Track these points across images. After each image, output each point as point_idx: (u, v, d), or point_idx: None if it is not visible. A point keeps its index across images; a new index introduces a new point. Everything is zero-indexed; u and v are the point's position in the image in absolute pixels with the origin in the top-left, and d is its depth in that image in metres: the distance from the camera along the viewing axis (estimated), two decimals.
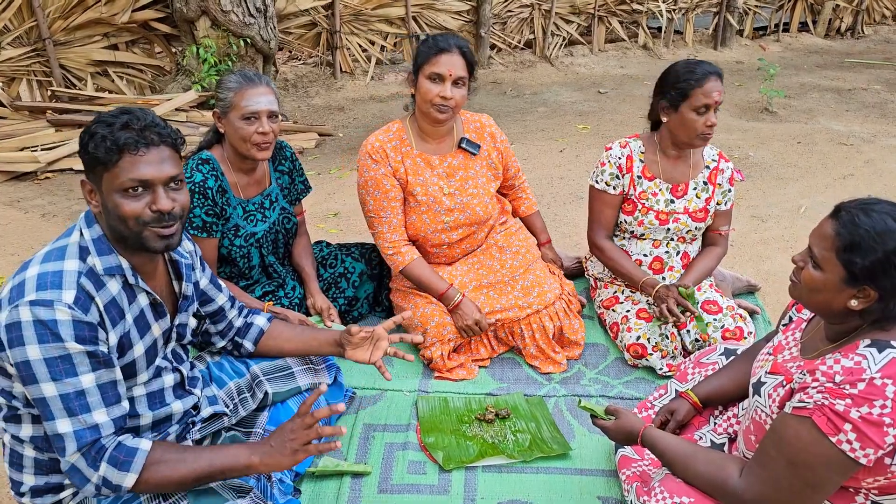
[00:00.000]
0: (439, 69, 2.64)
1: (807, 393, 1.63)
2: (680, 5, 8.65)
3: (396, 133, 2.86)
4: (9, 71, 5.72)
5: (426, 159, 2.86)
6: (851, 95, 7.25)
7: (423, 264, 2.83)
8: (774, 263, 3.80)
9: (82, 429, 1.62)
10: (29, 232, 4.10)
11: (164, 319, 1.88)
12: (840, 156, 5.44)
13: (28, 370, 1.58)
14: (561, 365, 2.88)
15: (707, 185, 2.90)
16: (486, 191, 2.94)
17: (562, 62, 8.14)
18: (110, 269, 1.70)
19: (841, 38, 9.96)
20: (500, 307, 2.85)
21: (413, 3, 7.21)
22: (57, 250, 1.69)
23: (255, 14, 5.92)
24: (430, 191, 2.85)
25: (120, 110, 1.69)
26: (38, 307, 1.57)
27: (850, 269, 1.63)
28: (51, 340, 1.57)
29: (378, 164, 2.80)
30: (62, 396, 1.60)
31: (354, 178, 4.92)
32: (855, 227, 1.62)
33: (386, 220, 2.82)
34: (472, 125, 2.96)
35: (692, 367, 2.47)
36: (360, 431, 2.51)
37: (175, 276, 1.96)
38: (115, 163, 1.63)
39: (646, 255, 2.97)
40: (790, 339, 1.93)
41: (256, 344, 2.24)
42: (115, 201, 1.65)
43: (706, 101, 2.68)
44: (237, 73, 2.62)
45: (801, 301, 1.78)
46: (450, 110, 2.70)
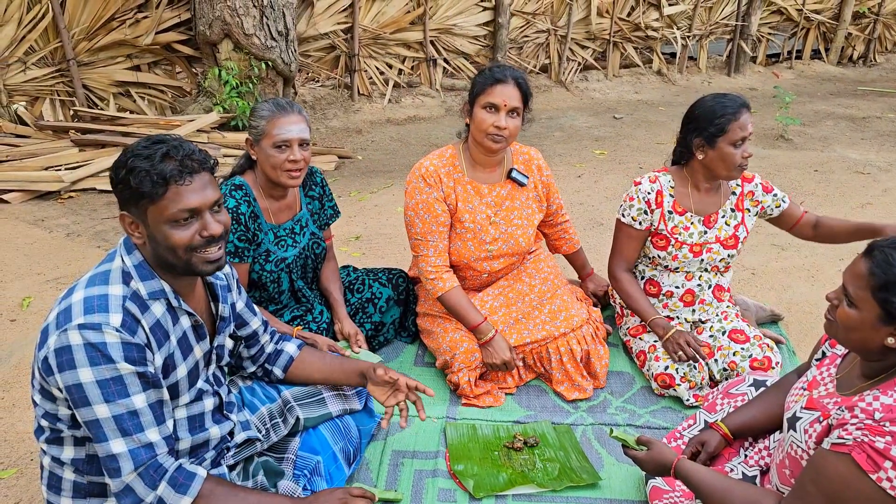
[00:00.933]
0: (494, 99, 2.67)
1: (846, 429, 1.63)
2: (694, 32, 8.72)
3: (450, 159, 2.88)
4: (33, 90, 5.80)
5: (476, 187, 2.88)
6: (866, 124, 7.27)
7: (462, 293, 2.83)
8: (796, 293, 3.80)
9: (137, 447, 1.64)
10: (54, 251, 4.14)
11: (205, 341, 1.90)
12: (857, 185, 5.45)
13: (80, 393, 1.60)
14: (587, 391, 2.88)
15: (735, 212, 2.92)
16: (531, 222, 2.98)
17: (577, 87, 8.20)
18: (154, 294, 1.72)
19: (853, 66, 10.01)
20: (529, 334, 2.86)
21: (431, 27, 7.29)
22: (100, 275, 1.71)
23: (276, 37, 5.99)
24: (477, 218, 2.87)
25: (151, 140, 1.68)
26: (87, 330, 1.59)
27: (886, 308, 1.64)
28: (102, 362, 1.60)
29: (431, 189, 2.81)
30: (116, 417, 1.62)
31: (374, 200, 4.96)
32: (889, 267, 1.63)
33: (433, 244, 2.82)
34: (520, 157, 2.99)
35: (721, 397, 2.48)
36: (390, 458, 2.51)
37: (212, 298, 1.98)
38: (162, 195, 1.63)
39: (678, 287, 2.97)
40: (825, 375, 1.93)
41: (286, 371, 2.26)
42: (165, 232, 1.66)
43: (742, 134, 2.70)
44: (270, 101, 2.66)
45: (838, 339, 1.79)
46: (504, 140, 2.72)
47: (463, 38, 7.58)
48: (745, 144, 2.72)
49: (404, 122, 7.04)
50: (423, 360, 3.09)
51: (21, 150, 5.22)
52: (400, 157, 6.06)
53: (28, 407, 2.80)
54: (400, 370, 2.99)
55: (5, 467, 2.49)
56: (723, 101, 2.74)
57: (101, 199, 4.93)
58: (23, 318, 3.44)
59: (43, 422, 1.78)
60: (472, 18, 7.52)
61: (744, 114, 2.70)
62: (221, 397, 1.99)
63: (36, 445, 2.57)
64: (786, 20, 9.43)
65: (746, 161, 2.75)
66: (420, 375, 2.98)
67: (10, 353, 3.16)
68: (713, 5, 8.77)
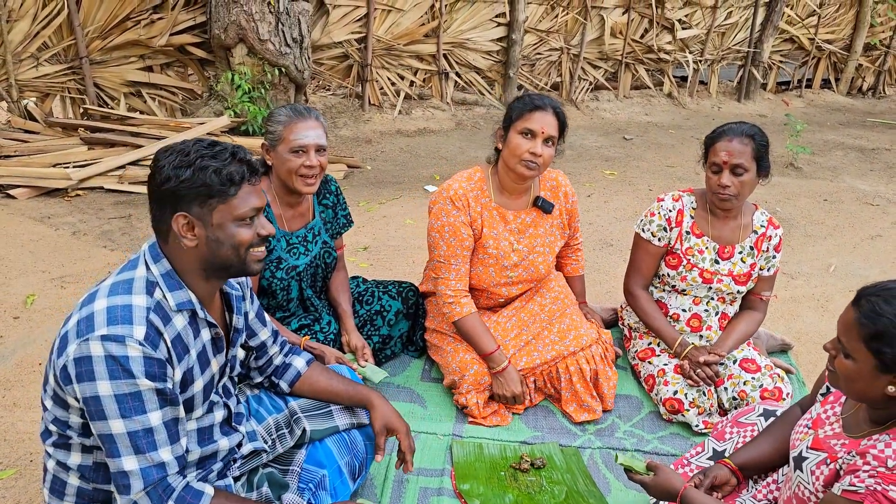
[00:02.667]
0: (532, 125, 2.65)
1: (858, 476, 1.60)
2: (706, 56, 8.74)
3: (478, 182, 2.85)
4: (44, 87, 5.79)
5: (502, 214, 2.86)
6: (875, 155, 7.27)
7: (478, 320, 2.79)
8: (806, 322, 3.77)
9: (149, 466, 1.61)
10: (59, 249, 4.11)
11: (222, 354, 1.88)
12: (867, 216, 5.44)
13: (97, 405, 1.57)
14: (596, 412, 2.84)
15: (753, 251, 2.88)
16: (552, 250, 2.98)
17: (587, 106, 8.21)
18: (182, 305, 1.70)
19: (863, 97, 10.04)
20: (539, 355, 2.84)
21: (445, 41, 7.30)
22: (123, 283, 1.67)
23: (291, 44, 5.99)
24: (500, 245, 2.85)
25: (206, 143, 1.68)
26: (110, 342, 1.56)
27: (880, 359, 1.61)
28: (122, 377, 1.56)
29: (459, 212, 2.77)
30: (130, 434, 1.58)
31: (383, 211, 4.94)
32: (878, 317, 1.60)
33: (455, 267, 2.79)
34: (548, 182, 2.97)
35: (730, 426, 2.44)
36: (395, 474, 2.47)
37: (227, 309, 1.95)
38: (235, 194, 1.66)
39: (684, 311, 2.95)
40: (830, 414, 1.91)
41: (292, 386, 2.22)
42: (232, 231, 1.68)
43: (714, 160, 2.71)
44: (287, 106, 2.64)
45: (842, 390, 1.76)
46: (537, 168, 2.70)
47: (476, 53, 7.59)
48: (723, 173, 2.70)
49: (414, 133, 7.03)
50: (429, 375, 3.05)
51: (30, 146, 5.21)
52: (409, 168, 6.04)
53: (29, 407, 2.76)
54: (406, 384, 2.97)
55: (4, 468, 2.45)
56: (723, 124, 2.77)
57: (109, 199, 4.90)
58: (26, 315, 3.41)
59: (51, 426, 1.75)
60: (486, 34, 7.54)
61: (722, 139, 2.70)
62: (230, 409, 1.95)
63: (36, 447, 2.53)
64: (797, 48, 9.46)
65: (723, 192, 2.71)
66: (426, 391, 2.95)
67: (13, 351, 3.12)
68: (726, 31, 8.79)
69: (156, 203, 1.69)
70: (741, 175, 2.69)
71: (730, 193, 2.71)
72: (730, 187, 2.69)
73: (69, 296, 3.59)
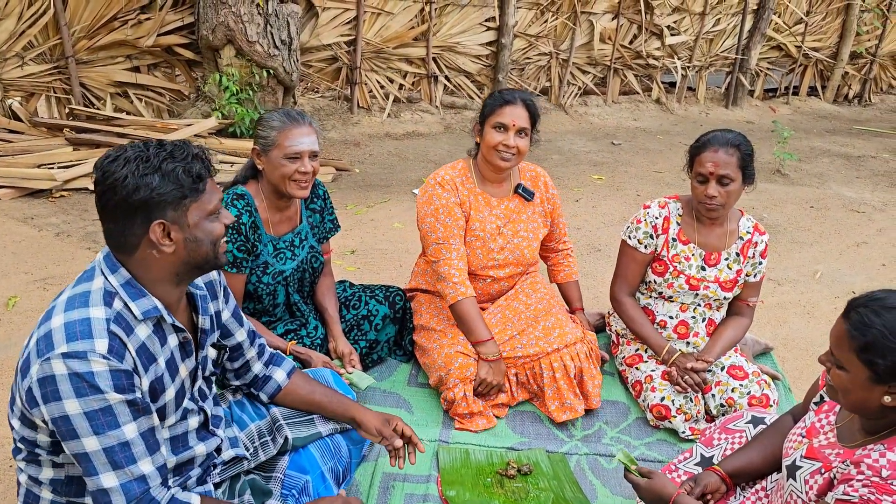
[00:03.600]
0: (504, 119, 2.79)
1: (851, 485, 1.60)
2: (694, 63, 8.78)
3: (462, 171, 2.98)
4: (29, 86, 5.73)
5: (486, 199, 2.97)
6: (861, 162, 7.32)
7: (476, 305, 2.84)
8: (792, 328, 3.78)
9: (129, 481, 1.57)
10: (42, 250, 4.06)
11: (191, 358, 1.83)
12: (853, 222, 5.47)
13: (68, 425, 1.52)
14: (577, 411, 2.83)
15: (739, 257, 2.89)
16: (536, 236, 3.05)
17: (576, 111, 8.22)
18: (148, 313, 1.64)
19: (849, 104, 10.11)
20: (522, 348, 2.86)
21: (434, 44, 7.29)
22: (79, 297, 1.60)
23: (279, 46, 5.97)
24: (487, 227, 2.93)
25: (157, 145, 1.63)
26: (72, 359, 1.50)
27: (873, 370, 1.60)
28: (90, 393, 1.51)
29: (449, 194, 2.89)
30: (106, 450, 1.54)
31: (371, 215, 4.92)
32: (867, 328, 1.60)
33: (455, 246, 2.86)
34: (528, 173, 3.09)
35: (718, 432, 2.43)
36: (380, 480, 2.45)
37: (192, 310, 1.91)
38: (204, 190, 1.66)
39: (671, 318, 2.94)
40: (824, 423, 1.90)
41: (272, 399, 2.18)
42: (208, 227, 1.68)
43: (700, 170, 2.71)
44: (280, 111, 2.63)
45: (840, 403, 1.75)
46: (512, 158, 2.83)
47: (465, 57, 7.58)
48: (709, 184, 2.70)
49: (403, 137, 7.01)
50: (416, 380, 3.03)
51: (14, 147, 5.15)
52: (398, 171, 6.02)
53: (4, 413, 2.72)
54: (392, 390, 2.95)
55: None
56: (709, 132, 2.78)
57: (93, 200, 4.83)
58: (7, 318, 3.36)
59: (20, 444, 1.71)
60: (476, 38, 7.53)
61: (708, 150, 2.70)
62: (207, 413, 1.91)
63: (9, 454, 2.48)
64: (784, 56, 9.52)
65: (710, 202, 2.71)
66: (413, 396, 2.93)
67: None
68: (714, 38, 8.84)
69: (121, 217, 1.59)
70: (727, 185, 2.70)
71: (716, 203, 2.71)
72: (716, 197, 2.70)
73: (52, 297, 3.52)
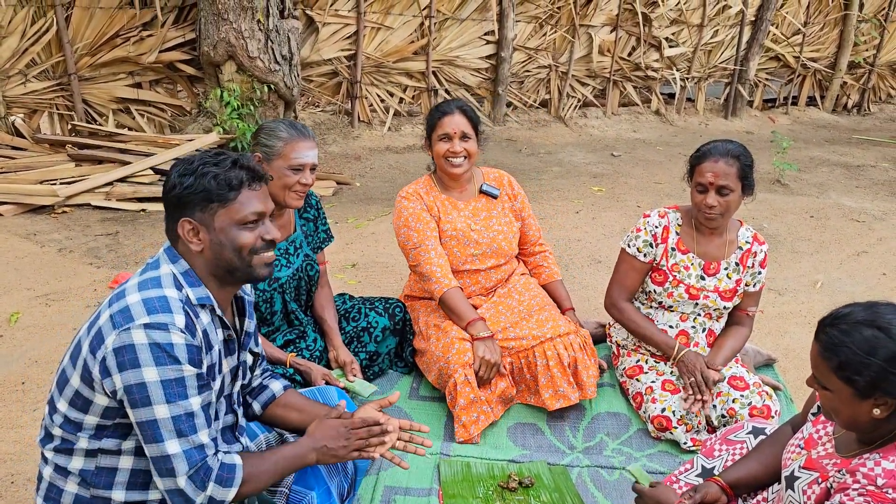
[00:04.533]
0: (445, 129, 2.99)
1: (847, 494, 1.61)
2: (693, 74, 8.81)
3: (425, 183, 3.16)
4: (32, 103, 5.77)
5: (453, 203, 3.13)
6: (861, 172, 7.34)
7: (462, 294, 2.98)
8: (793, 339, 3.78)
9: (191, 448, 1.66)
10: (45, 267, 4.08)
11: (233, 356, 1.90)
12: (853, 232, 5.48)
13: (143, 392, 1.61)
14: (571, 399, 2.85)
15: (738, 267, 2.90)
16: (510, 229, 3.18)
17: (576, 123, 8.25)
18: (201, 300, 1.75)
19: (848, 114, 10.14)
20: (515, 336, 2.93)
21: (434, 58, 7.33)
22: (151, 280, 1.72)
23: (280, 61, 6.01)
24: (458, 226, 3.07)
25: (212, 153, 1.80)
26: (154, 330, 1.61)
27: (853, 387, 1.61)
28: (169, 363, 1.62)
29: (415, 203, 3.06)
30: (174, 418, 1.63)
31: (371, 228, 4.94)
32: (837, 347, 1.61)
33: (432, 247, 2.99)
34: (491, 175, 3.25)
35: (719, 443, 2.43)
36: (382, 494, 2.45)
37: (239, 313, 1.98)
38: (234, 198, 1.74)
39: (671, 327, 2.95)
40: (822, 434, 1.91)
41: (265, 408, 2.16)
42: (234, 234, 1.75)
43: (700, 180, 2.73)
44: (285, 122, 2.69)
45: (835, 422, 1.76)
46: (464, 161, 3.01)
47: (465, 70, 7.63)
48: (708, 194, 2.72)
49: (403, 150, 7.04)
50: (417, 392, 3.04)
51: (17, 163, 5.18)
52: (398, 185, 6.03)
53: (11, 427, 2.73)
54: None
55: None
56: (709, 143, 2.80)
57: (95, 216, 4.88)
58: (10, 333, 3.38)
59: (56, 430, 1.74)
60: (476, 51, 7.58)
61: (708, 160, 2.72)
62: (237, 416, 1.95)
63: (18, 468, 2.50)
64: (783, 66, 9.56)
65: (710, 212, 2.74)
66: (415, 409, 2.93)
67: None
68: (712, 49, 8.88)
69: (166, 210, 1.78)
70: (727, 195, 2.71)
71: (716, 213, 2.73)
72: (716, 207, 2.72)
73: (54, 313, 3.56)
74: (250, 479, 1.76)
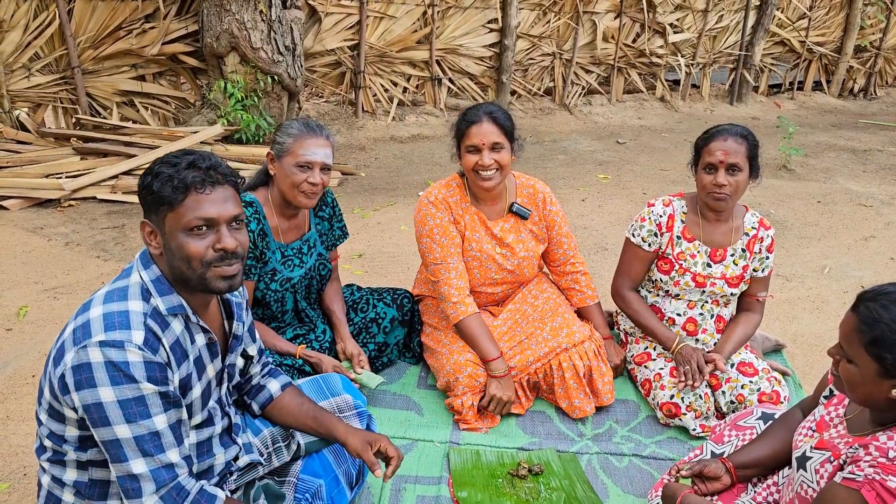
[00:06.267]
0: (473, 141, 2.72)
1: (858, 466, 1.61)
2: (698, 60, 8.77)
3: (456, 189, 2.92)
4: (36, 97, 5.77)
5: (482, 219, 2.92)
6: (868, 156, 7.30)
7: (481, 322, 2.82)
8: (802, 324, 3.77)
9: (158, 468, 1.59)
10: (52, 260, 4.09)
11: (218, 360, 1.85)
12: (860, 217, 5.45)
13: (101, 413, 1.54)
14: (586, 411, 2.84)
15: (745, 253, 2.88)
16: (535, 254, 3.01)
17: (580, 110, 8.22)
18: (173, 309, 1.68)
19: (854, 98, 10.08)
20: (532, 353, 2.85)
21: (437, 47, 7.31)
22: (118, 291, 1.65)
23: (283, 52, 5.99)
24: (483, 248, 2.91)
25: (183, 151, 1.68)
26: (109, 348, 1.54)
27: (881, 364, 1.61)
28: (125, 382, 1.54)
29: (442, 213, 2.85)
30: (136, 438, 1.57)
31: (377, 218, 4.93)
32: (875, 322, 1.60)
33: (453, 266, 2.83)
34: (525, 190, 2.99)
35: (729, 429, 2.43)
36: (392, 482, 2.46)
37: (226, 316, 1.93)
38: (181, 202, 1.61)
39: (679, 315, 2.94)
40: (833, 416, 1.91)
41: (262, 409, 2.14)
42: (180, 241, 1.63)
43: (710, 160, 2.71)
44: (300, 120, 2.66)
45: (846, 395, 1.76)
46: (495, 173, 2.76)
47: (468, 59, 7.60)
48: (718, 173, 2.71)
49: (408, 140, 7.03)
50: (426, 382, 3.04)
51: (22, 157, 5.18)
52: (403, 175, 6.04)
53: (22, 420, 2.74)
54: (402, 392, 2.96)
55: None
56: (713, 127, 2.79)
57: (101, 209, 4.88)
58: (19, 327, 3.39)
59: (46, 441, 1.72)
60: (479, 39, 7.55)
61: (716, 139, 2.72)
62: (230, 418, 1.93)
63: (30, 461, 2.51)
64: (788, 51, 9.50)
65: (718, 190, 2.72)
66: (423, 398, 2.94)
67: (5, 363, 3.10)
68: (717, 34, 8.83)
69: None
70: (736, 174, 2.70)
71: (726, 193, 2.71)
72: (726, 186, 2.70)
73: (62, 307, 3.57)
74: None
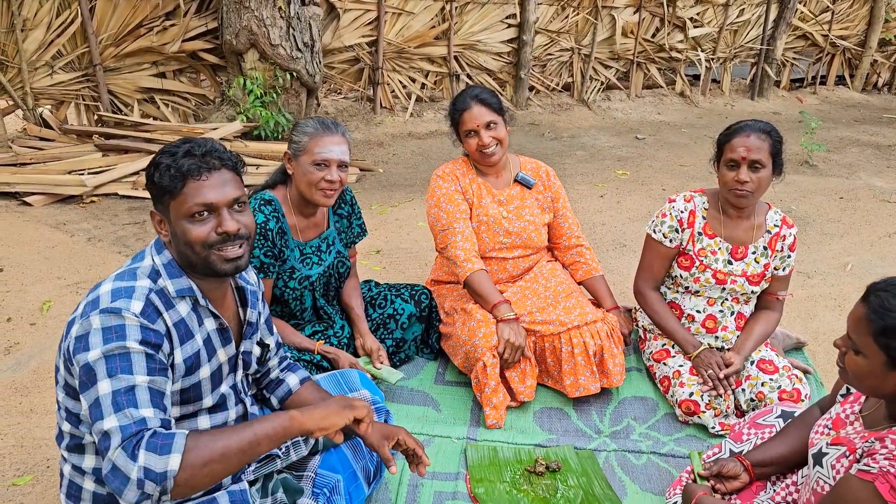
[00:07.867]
0: (469, 126, 2.95)
1: (874, 458, 1.62)
2: (718, 54, 8.68)
3: (462, 164, 3.15)
4: (58, 94, 5.84)
5: (488, 188, 3.11)
6: (891, 152, 7.19)
7: (487, 277, 2.96)
8: (823, 322, 3.74)
9: (129, 423, 1.52)
10: (75, 256, 4.14)
11: (230, 346, 1.88)
12: (884, 213, 5.38)
13: (88, 372, 1.57)
14: (591, 389, 2.85)
15: (766, 251, 2.86)
16: (541, 220, 3.16)
17: (599, 106, 8.18)
18: (181, 291, 1.73)
19: (878, 93, 9.94)
20: (541, 322, 2.90)
21: (455, 43, 7.30)
22: (129, 272, 1.72)
23: (302, 49, 6.01)
24: (490, 212, 3.07)
25: (182, 140, 1.74)
26: (108, 314, 1.60)
27: (890, 355, 1.60)
28: (114, 340, 1.58)
29: (450, 184, 3.06)
30: (114, 392, 1.54)
31: (395, 214, 4.95)
32: (886, 312, 1.60)
33: (459, 230, 2.98)
34: (528, 165, 3.21)
35: (748, 427, 2.42)
36: (409, 478, 2.47)
37: (241, 304, 1.96)
38: (180, 190, 1.67)
39: (699, 312, 2.92)
40: (849, 413, 1.90)
41: (282, 403, 2.17)
42: (183, 227, 1.69)
43: (732, 156, 2.69)
44: (315, 118, 2.67)
45: (853, 386, 1.76)
46: (496, 146, 2.97)
47: (487, 55, 7.58)
48: (741, 169, 2.68)
49: (426, 136, 7.03)
50: (443, 378, 3.05)
51: (45, 154, 5.25)
52: (421, 170, 6.04)
53: (45, 413, 2.78)
54: (420, 388, 2.97)
55: (21, 473, 2.47)
56: (735, 123, 2.77)
57: (123, 205, 4.94)
58: (42, 322, 3.44)
59: (64, 426, 1.75)
60: (497, 35, 7.53)
61: (739, 136, 2.70)
62: (246, 406, 1.95)
63: (52, 453, 2.55)
64: (811, 45, 9.38)
65: (740, 187, 2.69)
66: (441, 394, 2.95)
67: (30, 357, 3.15)
68: (738, 28, 8.73)
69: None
70: (759, 171, 2.67)
71: (748, 189, 2.68)
72: (748, 183, 2.67)
73: None
74: (197, 447, 1.53)
